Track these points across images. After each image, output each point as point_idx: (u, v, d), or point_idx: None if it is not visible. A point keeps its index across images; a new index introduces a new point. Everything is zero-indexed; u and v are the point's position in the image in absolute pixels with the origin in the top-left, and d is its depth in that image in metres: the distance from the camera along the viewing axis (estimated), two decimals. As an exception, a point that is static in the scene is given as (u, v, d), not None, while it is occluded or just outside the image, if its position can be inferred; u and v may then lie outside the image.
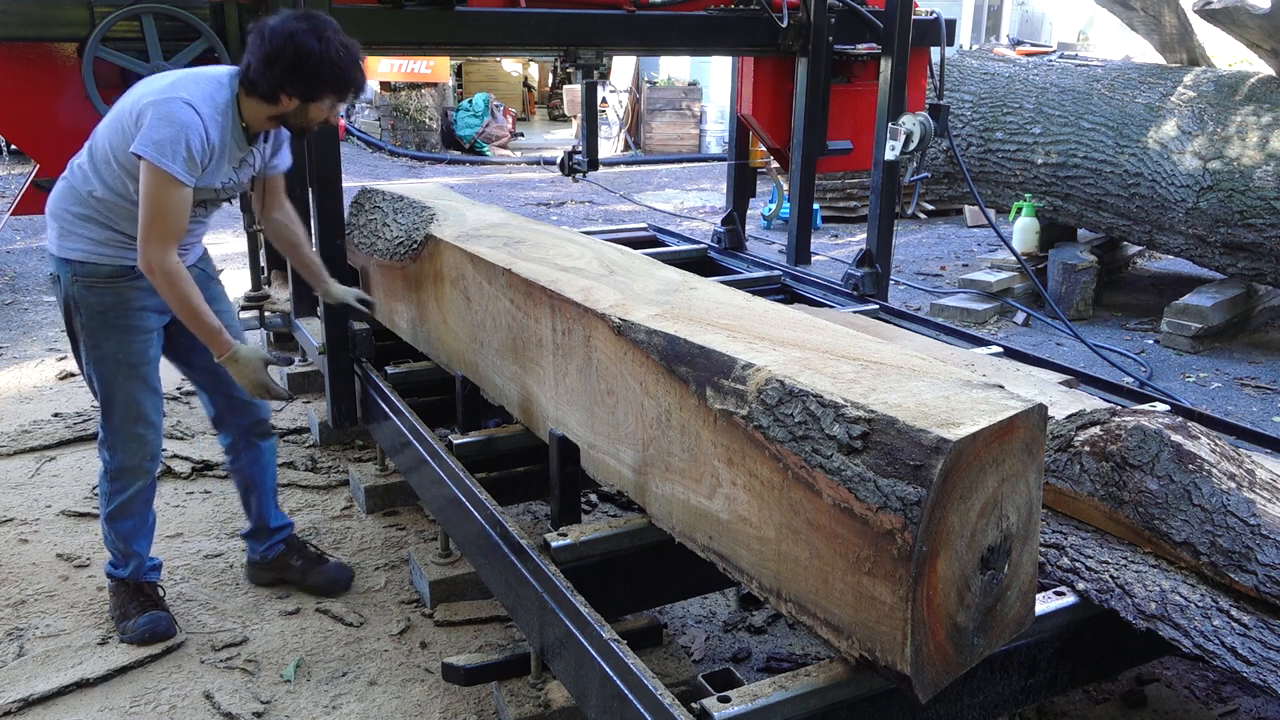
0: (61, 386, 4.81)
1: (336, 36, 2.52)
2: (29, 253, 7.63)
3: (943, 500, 1.57)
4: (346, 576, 3.15)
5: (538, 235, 3.19)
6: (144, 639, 2.82)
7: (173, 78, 2.56)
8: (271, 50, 2.46)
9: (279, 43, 2.46)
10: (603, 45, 4.06)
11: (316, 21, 2.52)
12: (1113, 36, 15.66)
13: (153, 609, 2.88)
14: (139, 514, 2.84)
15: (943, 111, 4.13)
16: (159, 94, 2.46)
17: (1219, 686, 2.73)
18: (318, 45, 2.47)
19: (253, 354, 2.62)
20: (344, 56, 2.53)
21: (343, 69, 2.53)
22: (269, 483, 3.10)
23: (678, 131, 14.32)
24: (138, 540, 2.87)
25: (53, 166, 3.31)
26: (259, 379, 2.63)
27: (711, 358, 2.02)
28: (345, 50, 2.54)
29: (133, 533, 2.85)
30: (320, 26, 2.51)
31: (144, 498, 2.84)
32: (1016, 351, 3.46)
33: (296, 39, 2.46)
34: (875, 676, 1.74)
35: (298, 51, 2.46)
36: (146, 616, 2.85)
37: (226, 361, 2.59)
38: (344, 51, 2.53)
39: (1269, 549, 1.99)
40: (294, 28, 2.48)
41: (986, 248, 8.14)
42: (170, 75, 2.60)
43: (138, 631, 2.83)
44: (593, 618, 2.00)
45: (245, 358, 2.60)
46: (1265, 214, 5.36)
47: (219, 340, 2.56)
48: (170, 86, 2.50)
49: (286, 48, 2.46)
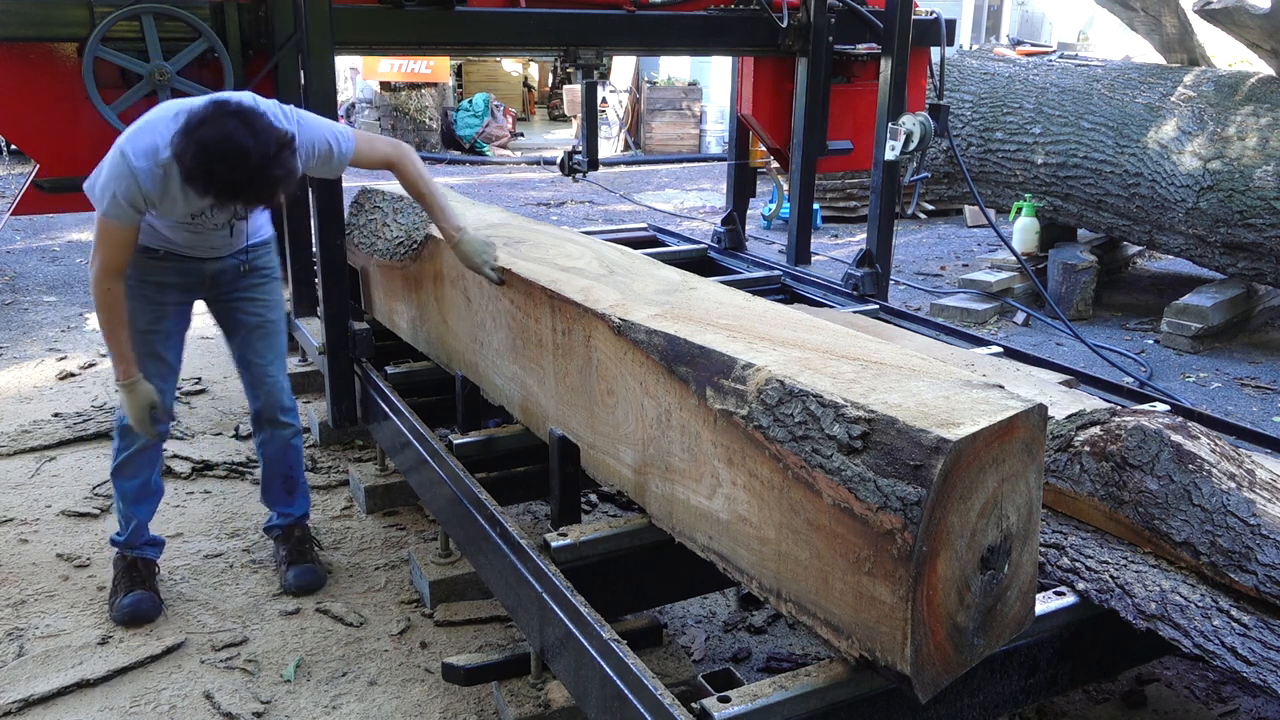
0: (61, 386, 4.81)
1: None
2: (29, 253, 7.63)
3: (943, 500, 1.57)
4: (308, 583, 3.11)
5: (538, 235, 3.19)
6: (125, 620, 2.91)
7: (145, 120, 2.59)
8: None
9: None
10: (603, 45, 4.06)
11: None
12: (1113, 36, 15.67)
13: (140, 588, 2.96)
14: (141, 475, 2.97)
15: (943, 111, 4.14)
16: (121, 139, 2.56)
17: (1219, 686, 2.73)
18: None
19: (144, 395, 2.76)
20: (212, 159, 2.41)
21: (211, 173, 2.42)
22: (273, 469, 3.16)
23: (678, 131, 14.31)
24: (138, 504, 2.99)
25: (53, 166, 3.31)
26: (139, 416, 2.77)
27: (711, 358, 2.02)
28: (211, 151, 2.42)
29: (133, 494, 2.98)
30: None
31: (146, 458, 2.96)
32: (1016, 351, 3.46)
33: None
34: (875, 676, 1.74)
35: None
36: (131, 597, 2.94)
37: (122, 389, 2.75)
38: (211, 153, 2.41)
39: (1269, 549, 1.99)
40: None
41: (986, 248, 8.14)
42: (150, 114, 2.61)
43: (121, 611, 2.92)
44: (593, 618, 2.00)
45: (137, 393, 2.75)
46: (1265, 214, 5.36)
47: (121, 368, 2.72)
48: (130, 133, 2.56)
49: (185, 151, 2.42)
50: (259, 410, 3.11)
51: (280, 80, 3.34)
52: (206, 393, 4.74)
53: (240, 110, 2.40)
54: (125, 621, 2.91)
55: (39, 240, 8.02)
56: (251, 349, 3.03)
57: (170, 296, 2.88)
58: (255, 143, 2.35)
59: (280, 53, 3.31)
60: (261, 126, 2.39)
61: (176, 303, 2.92)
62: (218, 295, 3.00)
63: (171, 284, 2.87)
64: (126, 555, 3.02)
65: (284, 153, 2.42)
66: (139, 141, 2.53)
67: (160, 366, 2.88)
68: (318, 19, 3.25)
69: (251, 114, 2.41)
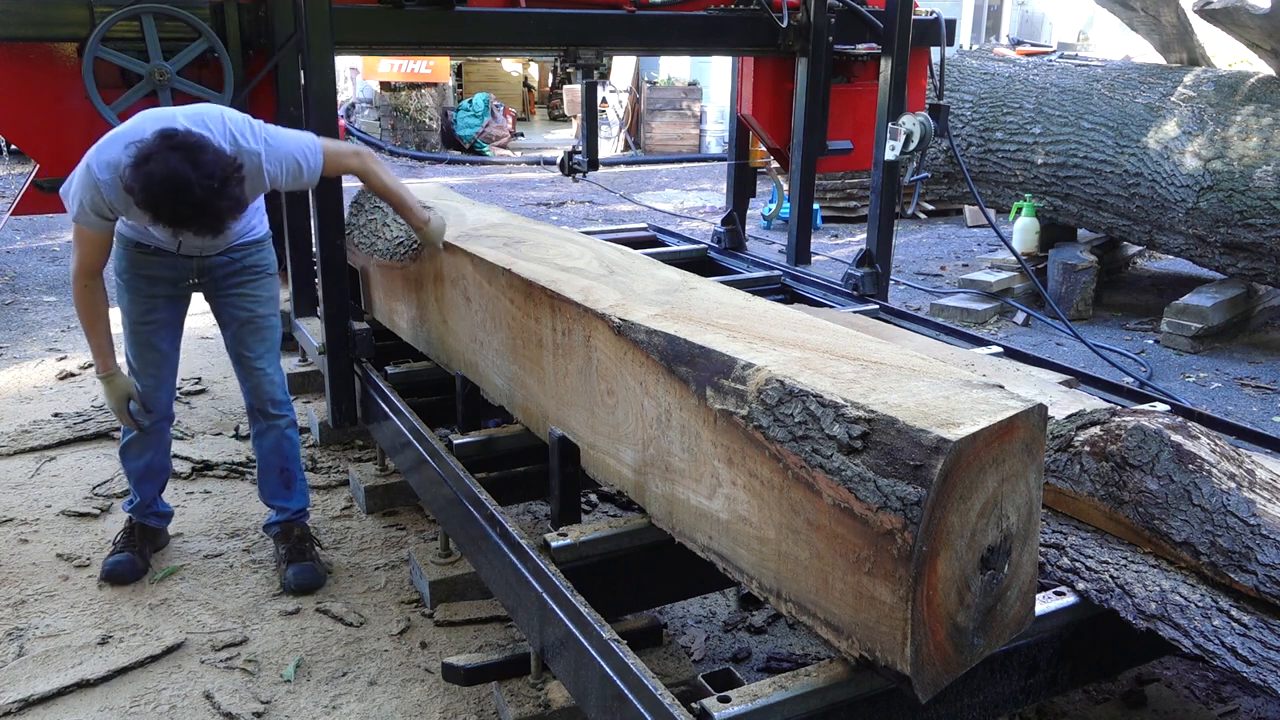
0: (61, 386, 4.82)
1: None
2: (29, 253, 7.63)
3: (943, 500, 1.57)
4: (308, 582, 3.13)
5: (537, 235, 3.19)
6: (104, 577, 3.12)
7: (113, 133, 2.65)
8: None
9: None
10: (603, 45, 4.06)
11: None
12: (1113, 36, 15.66)
13: (125, 550, 3.16)
14: (144, 457, 3.12)
15: (943, 111, 4.14)
16: (92, 147, 2.63)
17: (1219, 686, 2.73)
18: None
19: (121, 387, 2.93)
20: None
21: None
22: (269, 461, 3.19)
23: (678, 131, 14.31)
24: (142, 482, 3.16)
25: (53, 166, 3.31)
26: (118, 407, 2.95)
27: (711, 358, 2.02)
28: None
29: (137, 474, 3.15)
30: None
31: (150, 441, 3.10)
32: (1016, 351, 3.46)
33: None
34: (875, 676, 1.74)
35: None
36: (115, 557, 3.14)
37: (101, 381, 2.91)
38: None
39: (1269, 549, 1.99)
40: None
41: (986, 248, 8.14)
42: (120, 127, 2.66)
43: (103, 569, 3.14)
44: (593, 618, 2.00)
45: (114, 385, 2.91)
46: (1265, 214, 5.36)
47: (99, 361, 2.88)
48: (98, 145, 2.62)
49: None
50: (252, 404, 3.17)
51: (280, 80, 3.34)
52: (206, 393, 4.74)
53: (185, 144, 2.44)
54: (105, 579, 3.11)
55: (39, 240, 8.02)
56: (243, 343, 3.09)
57: (161, 289, 2.96)
58: (198, 175, 2.40)
59: (280, 53, 3.31)
60: (206, 160, 2.43)
61: (168, 295, 2.99)
62: (211, 289, 3.06)
63: (162, 277, 2.95)
64: (132, 520, 3.22)
65: (229, 185, 2.46)
66: (104, 154, 2.60)
67: (154, 355, 2.99)
68: (318, 19, 3.25)
69: (196, 147, 2.45)
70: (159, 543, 3.31)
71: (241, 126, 2.71)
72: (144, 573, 3.17)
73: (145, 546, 3.22)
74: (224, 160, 2.49)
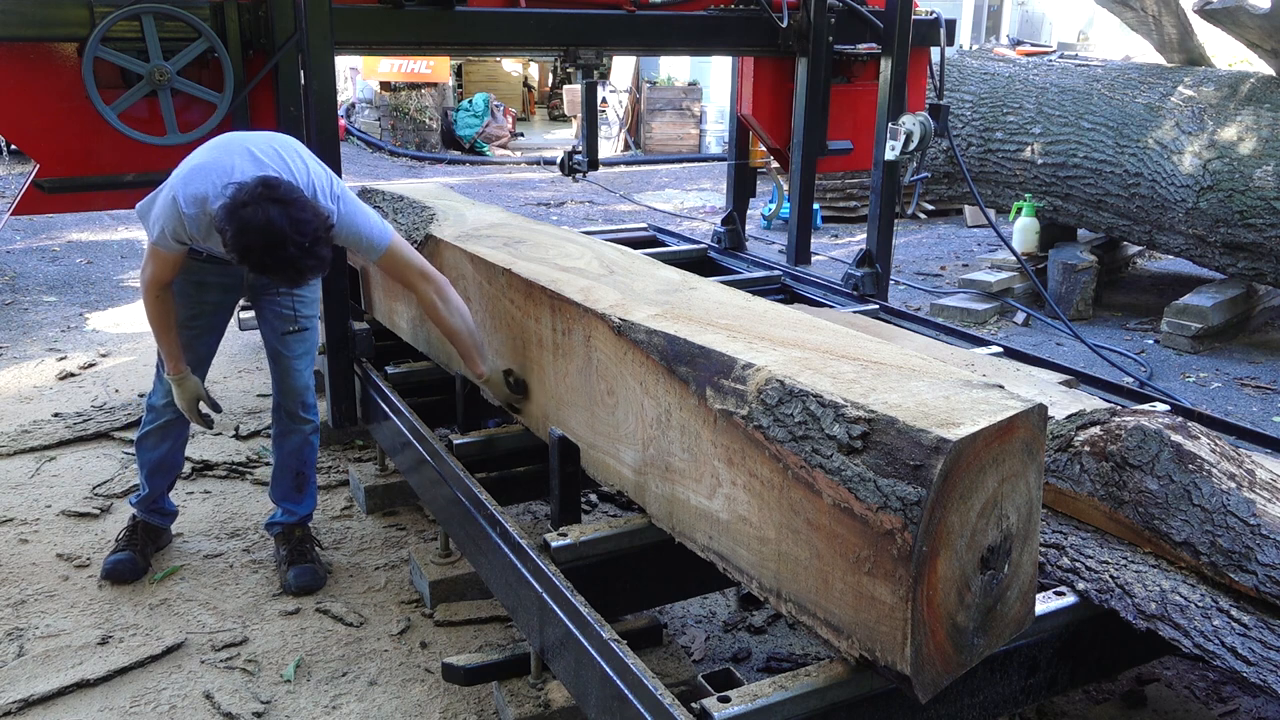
0: (61, 386, 4.82)
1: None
2: (29, 253, 7.63)
3: (943, 500, 1.57)
4: (308, 583, 3.13)
5: (537, 235, 3.19)
6: (103, 575, 3.14)
7: (200, 164, 2.68)
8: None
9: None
10: (603, 45, 4.06)
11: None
12: (1113, 36, 15.66)
13: (127, 548, 3.17)
14: (161, 449, 3.15)
15: (943, 111, 4.14)
16: (176, 175, 2.69)
17: (1219, 686, 2.73)
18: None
19: (191, 388, 2.98)
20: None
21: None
22: (286, 463, 3.20)
23: (678, 131, 14.31)
24: (154, 475, 3.18)
25: (53, 166, 3.31)
26: (188, 406, 3.00)
27: (711, 358, 2.02)
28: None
29: (151, 465, 3.17)
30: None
31: (162, 434, 3.13)
32: (1016, 351, 3.46)
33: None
34: (875, 676, 1.74)
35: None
36: (114, 556, 3.16)
37: (172, 382, 2.96)
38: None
39: (1269, 549, 1.99)
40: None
41: (986, 248, 8.14)
42: (206, 157, 2.70)
43: (104, 567, 3.16)
44: (592, 618, 2.00)
45: (184, 386, 2.97)
46: (1265, 214, 5.36)
47: (170, 364, 2.93)
48: (185, 174, 2.67)
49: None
50: (280, 403, 3.17)
51: (280, 80, 3.33)
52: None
53: (286, 198, 2.49)
54: (105, 577, 3.13)
55: (39, 240, 8.02)
56: (282, 342, 3.12)
57: (210, 295, 3.03)
58: (293, 232, 2.45)
59: (280, 53, 3.31)
60: (303, 218, 2.49)
61: (215, 302, 3.06)
62: (257, 294, 3.11)
63: (212, 284, 3.01)
64: (136, 517, 3.24)
65: (318, 245, 2.53)
66: (190, 187, 2.64)
67: (191, 358, 3.02)
68: (318, 19, 3.25)
69: (296, 204, 2.50)
70: (161, 542, 3.32)
71: (324, 182, 2.78)
72: (144, 572, 3.17)
73: (147, 545, 3.23)
74: (319, 220, 2.54)
